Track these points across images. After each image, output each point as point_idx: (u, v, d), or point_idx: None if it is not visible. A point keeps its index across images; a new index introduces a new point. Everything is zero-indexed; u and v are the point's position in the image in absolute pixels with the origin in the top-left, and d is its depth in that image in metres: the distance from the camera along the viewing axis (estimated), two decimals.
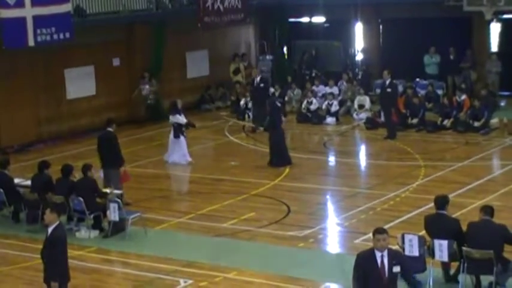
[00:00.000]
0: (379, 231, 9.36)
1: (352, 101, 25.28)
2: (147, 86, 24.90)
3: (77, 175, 15.46)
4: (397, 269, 9.29)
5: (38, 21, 19.87)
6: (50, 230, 10.43)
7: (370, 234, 14.08)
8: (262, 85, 23.41)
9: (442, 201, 11.81)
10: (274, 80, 28.02)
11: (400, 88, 24.79)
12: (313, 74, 27.83)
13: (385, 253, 9.24)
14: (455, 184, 16.97)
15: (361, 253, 9.54)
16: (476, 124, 22.00)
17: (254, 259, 13.44)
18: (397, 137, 21.69)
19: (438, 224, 11.49)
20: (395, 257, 9.33)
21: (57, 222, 10.46)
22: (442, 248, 11.50)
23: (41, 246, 13.82)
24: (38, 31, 19.93)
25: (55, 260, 10.40)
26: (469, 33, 26.36)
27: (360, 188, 17.62)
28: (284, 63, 29.54)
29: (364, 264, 9.34)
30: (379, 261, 9.22)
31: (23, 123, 22.39)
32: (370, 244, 13.89)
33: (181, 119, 20.01)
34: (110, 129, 16.42)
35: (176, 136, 19.84)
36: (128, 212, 14.94)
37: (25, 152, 21.82)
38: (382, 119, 22.64)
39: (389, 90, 21.83)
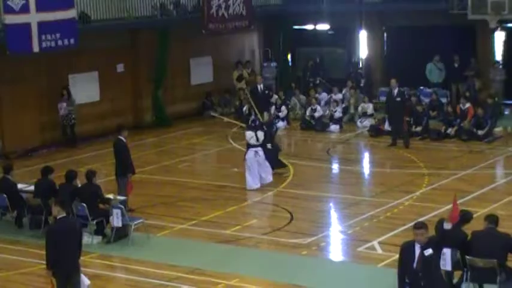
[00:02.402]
0: (416, 226, 9.84)
1: (356, 108, 25.28)
2: (64, 105, 22.72)
3: (79, 181, 15.46)
4: (428, 252, 9.63)
5: (43, 27, 19.90)
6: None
7: (373, 242, 14.22)
8: (267, 92, 23.36)
9: (465, 218, 11.79)
10: (278, 87, 28.05)
11: None
12: (317, 81, 27.85)
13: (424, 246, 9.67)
14: (458, 192, 16.84)
15: (404, 243, 9.99)
16: (480, 132, 21.98)
17: (257, 266, 13.42)
18: (399, 145, 21.64)
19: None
20: (429, 242, 9.67)
21: (61, 215, 10.89)
22: (445, 256, 11.47)
23: (44, 252, 13.90)
24: (43, 37, 19.96)
25: (46, 249, 10.88)
26: (473, 41, 26.37)
27: (364, 195, 17.59)
28: (288, 70, 29.58)
29: (404, 254, 9.84)
30: (417, 252, 9.64)
31: (26, 128, 22.40)
32: (373, 252, 14.00)
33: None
34: (120, 136, 16.42)
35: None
36: (131, 218, 14.93)
37: (28, 157, 21.83)
38: (387, 127, 22.53)
39: (398, 99, 21.65)
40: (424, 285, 9.74)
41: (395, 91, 21.68)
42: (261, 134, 17.95)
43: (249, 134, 17.96)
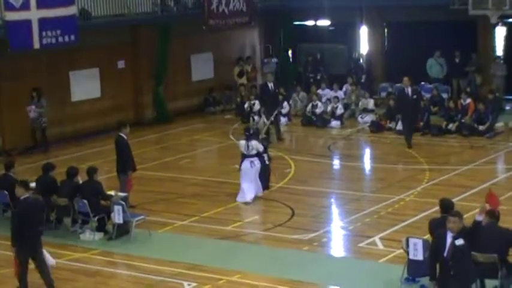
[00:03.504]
0: (451, 213, 9.94)
1: (357, 104, 25.27)
2: (33, 107, 21.64)
3: (79, 177, 15.46)
4: (459, 241, 9.68)
5: (44, 23, 19.90)
6: None
7: (375, 238, 14.22)
8: (277, 90, 23.10)
9: (447, 205, 11.77)
10: (279, 83, 28.03)
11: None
12: (318, 77, 27.83)
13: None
14: (460, 188, 16.94)
15: (438, 232, 10.07)
16: (481, 128, 21.98)
17: (258, 262, 13.43)
18: (400, 141, 21.62)
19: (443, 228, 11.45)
20: (460, 232, 9.74)
21: (23, 196, 11.88)
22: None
23: (45, 248, 13.93)
24: (44, 33, 19.95)
25: (11, 228, 11.81)
26: (474, 36, 26.35)
27: (365, 191, 17.60)
28: (289, 67, 29.55)
29: (436, 241, 9.93)
30: (448, 241, 9.72)
31: (27, 125, 22.37)
32: (375, 248, 14.01)
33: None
34: (120, 133, 16.40)
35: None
36: (132, 214, 14.94)
37: (29, 154, 21.82)
38: (399, 127, 21.91)
39: (415, 97, 21.08)
40: (454, 275, 9.79)
41: (409, 90, 21.04)
42: (255, 143, 16.78)
43: (242, 143, 16.95)
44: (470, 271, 9.99)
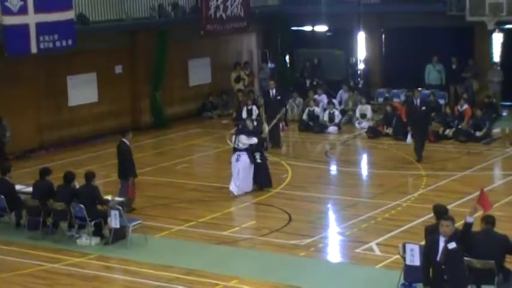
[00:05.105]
0: (444, 217, 9.90)
1: (354, 110, 25.29)
2: None
3: (76, 182, 15.45)
4: (452, 245, 9.65)
5: (41, 28, 19.91)
6: None
7: (371, 244, 14.23)
8: (279, 97, 22.93)
9: (441, 211, 11.78)
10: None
11: (402, 97, 24.78)
12: (315, 83, 27.85)
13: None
14: (456, 194, 16.95)
15: (430, 237, 10.05)
16: (478, 134, 22.01)
17: (255, 268, 13.42)
18: (398, 146, 21.64)
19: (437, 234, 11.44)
20: (452, 235, 9.73)
21: None
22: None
23: (41, 253, 13.93)
24: (41, 38, 19.96)
25: None
26: (471, 43, 26.40)
27: (361, 197, 17.60)
28: (286, 72, 29.57)
29: (429, 246, 9.89)
30: (441, 245, 9.68)
31: (24, 129, 22.38)
32: (371, 253, 13.99)
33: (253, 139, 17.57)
34: (124, 139, 16.47)
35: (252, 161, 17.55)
36: (129, 219, 14.92)
37: (26, 158, 21.81)
38: (409, 141, 20.64)
39: (424, 108, 20.43)
40: (447, 279, 9.78)
41: (418, 101, 20.36)
42: (243, 138, 17.31)
43: (233, 137, 17.73)
44: (464, 275, 10.00)
